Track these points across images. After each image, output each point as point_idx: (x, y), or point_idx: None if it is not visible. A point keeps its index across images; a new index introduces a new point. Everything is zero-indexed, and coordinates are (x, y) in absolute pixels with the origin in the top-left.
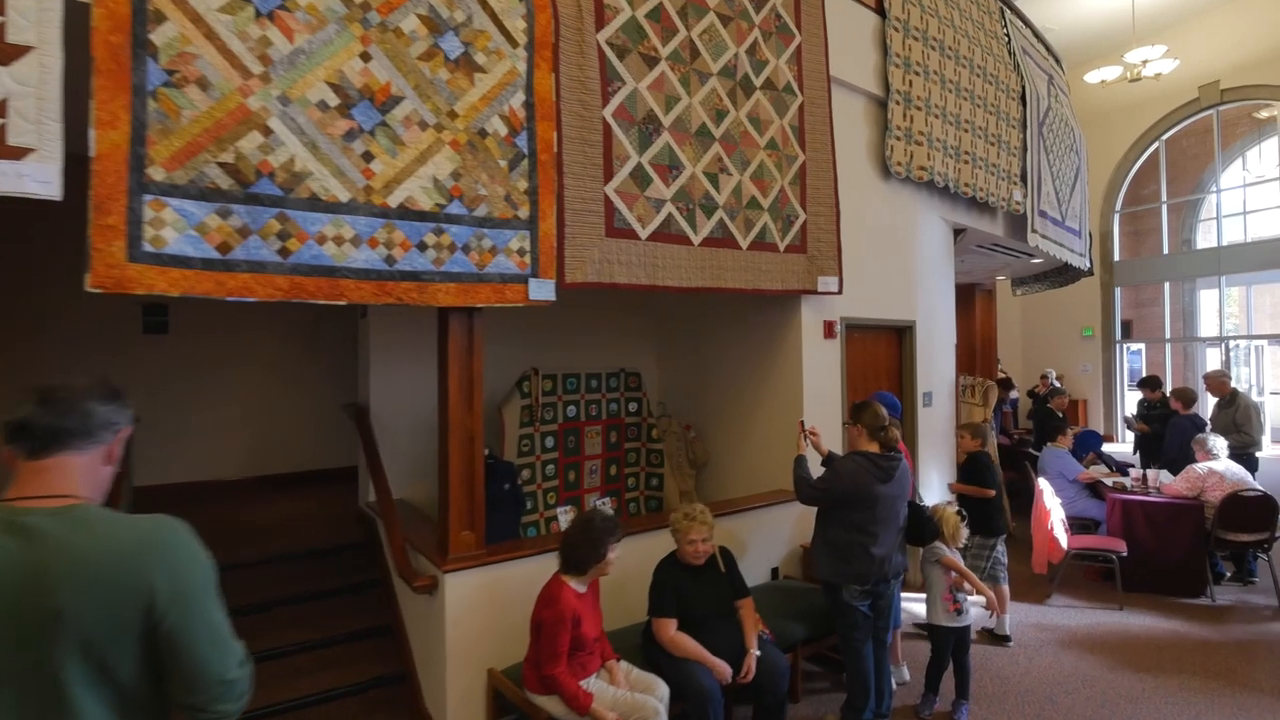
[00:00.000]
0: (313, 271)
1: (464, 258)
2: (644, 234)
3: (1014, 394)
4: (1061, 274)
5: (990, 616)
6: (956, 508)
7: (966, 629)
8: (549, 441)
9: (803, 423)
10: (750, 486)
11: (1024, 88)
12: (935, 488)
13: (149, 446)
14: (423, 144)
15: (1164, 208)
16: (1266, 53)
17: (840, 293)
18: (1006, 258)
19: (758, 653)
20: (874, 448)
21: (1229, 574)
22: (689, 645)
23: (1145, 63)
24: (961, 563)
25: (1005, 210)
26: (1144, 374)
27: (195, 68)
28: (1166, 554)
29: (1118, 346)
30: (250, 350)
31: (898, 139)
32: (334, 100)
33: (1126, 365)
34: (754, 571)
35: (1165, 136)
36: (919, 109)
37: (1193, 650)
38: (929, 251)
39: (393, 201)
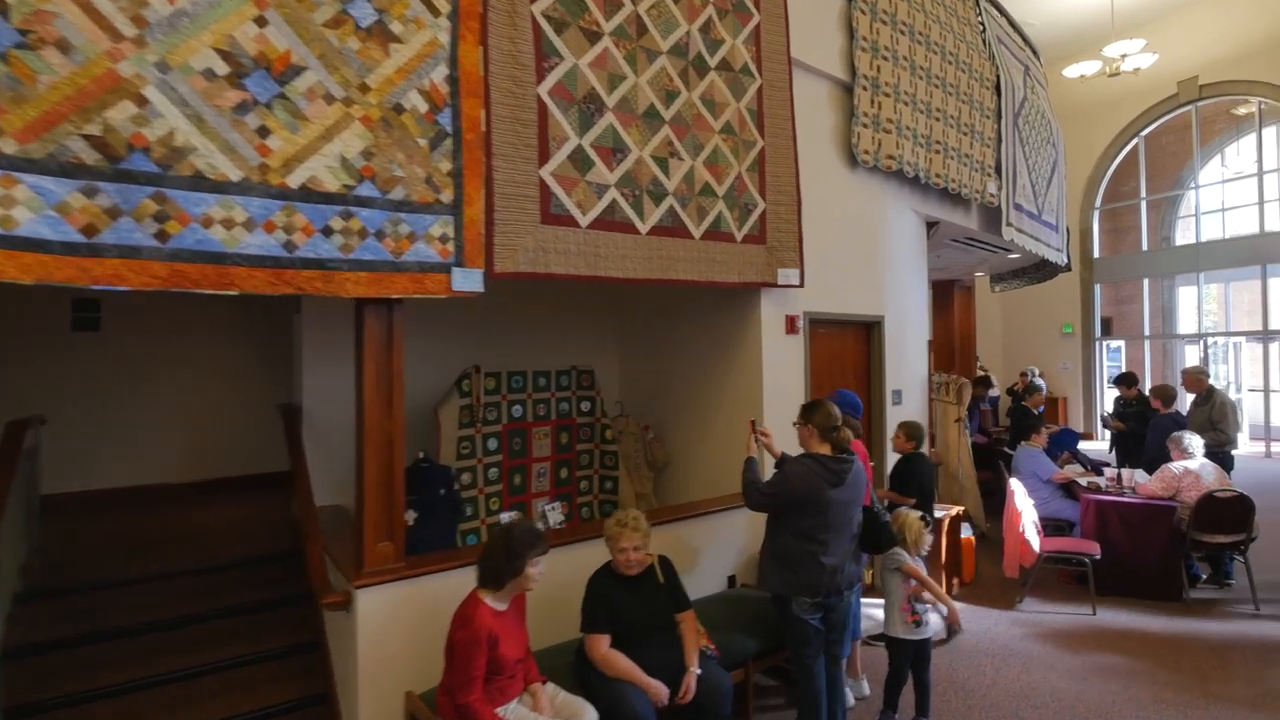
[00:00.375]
0: (197, 258)
1: (377, 244)
2: (585, 221)
3: (993, 392)
4: (1039, 270)
5: (952, 630)
6: (920, 513)
7: (926, 641)
8: (492, 443)
9: (754, 422)
10: (711, 489)
11: (999, 77)
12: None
13: (78, 449)
14: (329, 119)
15: (1143, 204)
16: (1245, 48)
17: (802, 286)
18: (984, 253)
19: (698, 671)
20: (826, 449)
21: (1205, 576)
22: (622, 664)
23: (1124, 57)
24: (924, 571)
25: (979, 203)
26: (1124, 371)
27: (54, 28)
28: (1141, 556)
29: (1097, 344)
30: (189, 348)
31: (865, 126)
32: (223, 68)
33: (1106, 362)
34: (710, 579)
35: (1145, 132)
36: (887, 95)
37: (1167, 658)
38: (899, 244)
39: (293, 182)
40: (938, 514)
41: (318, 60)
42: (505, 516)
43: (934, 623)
